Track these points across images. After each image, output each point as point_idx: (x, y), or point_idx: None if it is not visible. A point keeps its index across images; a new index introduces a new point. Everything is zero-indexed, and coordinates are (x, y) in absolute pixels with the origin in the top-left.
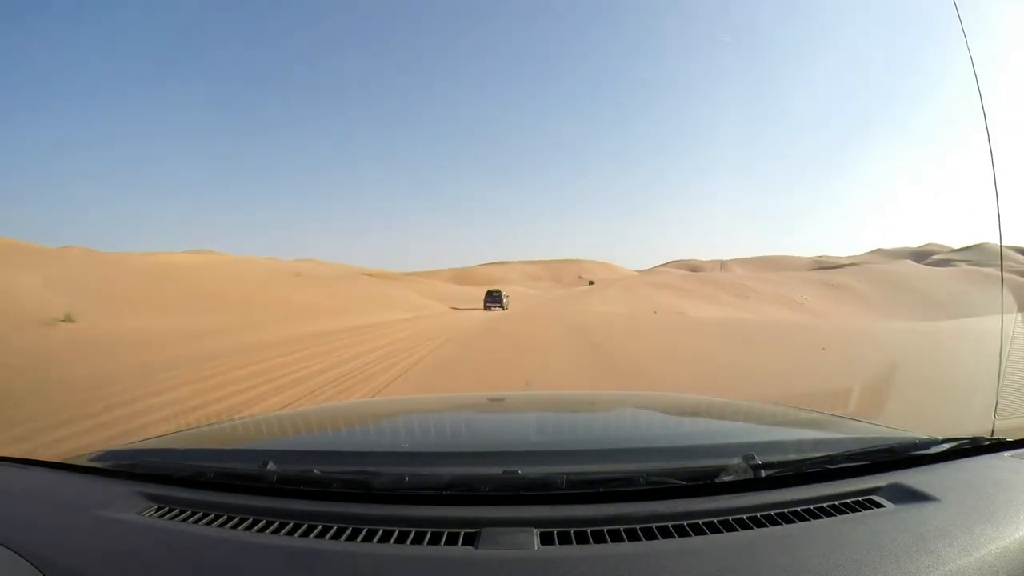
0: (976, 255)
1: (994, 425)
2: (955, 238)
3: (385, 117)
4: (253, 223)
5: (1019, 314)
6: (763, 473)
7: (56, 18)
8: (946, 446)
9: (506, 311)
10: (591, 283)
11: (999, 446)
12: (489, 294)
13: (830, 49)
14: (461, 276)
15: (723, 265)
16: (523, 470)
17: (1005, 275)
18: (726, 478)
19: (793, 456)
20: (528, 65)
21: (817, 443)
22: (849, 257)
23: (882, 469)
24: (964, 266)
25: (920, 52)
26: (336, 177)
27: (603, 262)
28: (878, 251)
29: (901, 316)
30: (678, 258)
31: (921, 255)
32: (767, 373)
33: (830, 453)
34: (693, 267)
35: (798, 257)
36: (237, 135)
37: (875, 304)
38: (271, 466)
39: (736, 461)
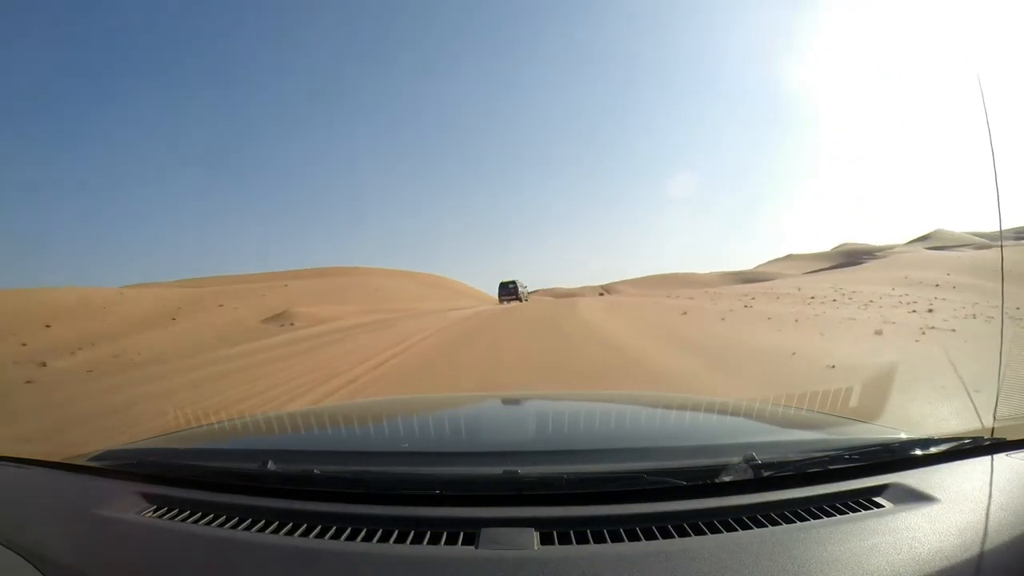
0: (943, 241)
1: (994, 425)
2: (865, 237)
3: None
4: None
5: None
6: (764, 473)
7: None
8: (946, 446)
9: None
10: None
11: (999, 446)
12: (503, 286)
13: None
14: None
15: (608, 288)
16: (523, 470)
17: None
18: (726, 478)
19: (793, 456)
20: None
21: (818, 443)
22: (758, 268)
23: (882, 469)
24: (968, 250)
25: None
26: None
27: (443, 276)
28: (790, 257)
29: None
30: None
31: (856, 253)
32: None
33: (830, 453)
34: (556, 295)
35: (701, 273)
36: None
37: None
38: (271, 466)
39: (736, 461)
